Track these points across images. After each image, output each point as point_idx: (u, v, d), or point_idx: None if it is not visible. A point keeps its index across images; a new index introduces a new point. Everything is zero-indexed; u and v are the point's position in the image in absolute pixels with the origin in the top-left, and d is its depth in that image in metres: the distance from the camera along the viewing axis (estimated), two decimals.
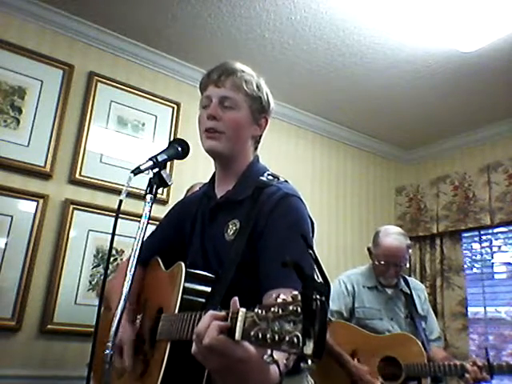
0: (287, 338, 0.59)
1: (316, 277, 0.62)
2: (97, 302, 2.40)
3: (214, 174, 1.35)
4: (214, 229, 1.24)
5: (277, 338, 0.60)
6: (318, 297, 0.58)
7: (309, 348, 0.56)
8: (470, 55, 2.87)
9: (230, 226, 1.19)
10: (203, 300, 1.10)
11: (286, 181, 1.25)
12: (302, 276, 0.60)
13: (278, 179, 1.24)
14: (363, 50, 2.93)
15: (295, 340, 0.58)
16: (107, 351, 1.00)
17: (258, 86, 1.27)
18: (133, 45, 3.02)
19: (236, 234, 1.16)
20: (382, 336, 2.31)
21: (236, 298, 0.76)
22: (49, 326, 2.48)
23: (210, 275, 1.16)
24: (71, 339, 2.52)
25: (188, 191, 2.35)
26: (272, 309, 0.63)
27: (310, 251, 0.68)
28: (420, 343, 2.24)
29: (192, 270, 1.15)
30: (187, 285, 1.11)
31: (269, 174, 1.25)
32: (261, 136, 1.33)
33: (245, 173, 1.26)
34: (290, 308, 0.60)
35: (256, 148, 1.33)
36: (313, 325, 0.57)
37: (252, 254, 1.11)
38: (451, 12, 2.51)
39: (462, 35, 2.68)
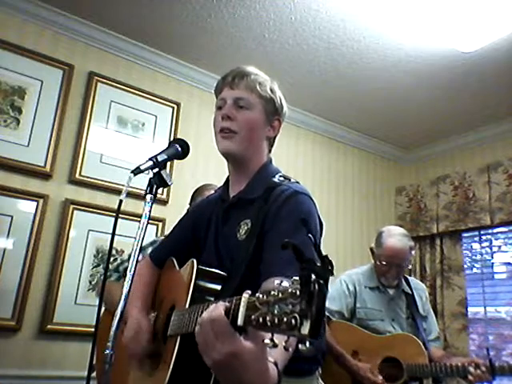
0: (285, 320, 0.60)
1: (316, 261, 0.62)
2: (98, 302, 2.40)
3: (228, 177, 1.36)
4: (227, 229, 1.26)
5: (276, 320, 0.61)
6: (316, 279, 0.59)
7: (305, 328, 0.57)
8: (469, 55, 2.88)
9: (242, 226, 1.20)
10: (213, 298, 1.12)
11: (297, 182, 1.26)
12: (300, 258, 0.61)
13: (290, 180, 1.25)
14: (363, 49, 2.93)
15: (293, 321, 0.59)
16: (107, 351, 1.00)
17: (271, 89, 1.29)
18: (133, 45, 3.02)
19: (247, 234, 1.17)
20: (383, 336, 2.31)
21: (249, 292, 0.76)
22: (49, 326, 2.48)
23: (220, 273, 1.17)
24: (71, 339, 2.52)
25: (196, 191, 2.29)
26: (272, 292, 0.64)
27: (310, 235, 0.69)
28: (421, 343, 2.24)
29: (204, 268, 1.17)
30: (198, 282, 1.13)
31: (281, 176, 1.27)
32: (275, 138, 1.34)
33: (258, 173, 1.27)
34: (290, 291, 0.61)
35: (270, 150, 1.34)
36: (310, 306, 0.58)
37: (261, 253, 1.12)
38: (451, 12, 2.51)
39: (462, 35, 2.68)
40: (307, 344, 0.58)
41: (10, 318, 2.39)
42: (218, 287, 1.14)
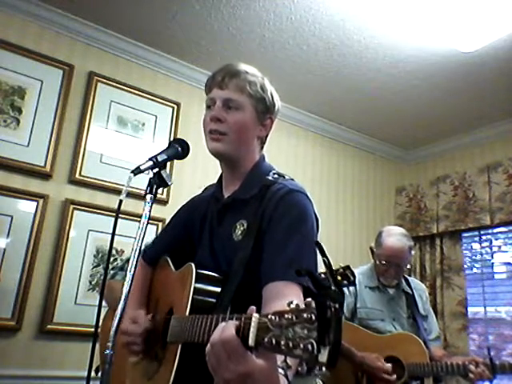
0: (301, 345, 0.59)
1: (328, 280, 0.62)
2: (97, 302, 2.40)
3: (222, 175, 1.35)
4: (222, 230, 1.25)
5: (291, 344, 0.60)
6: (332, 304, 0.59)
7: (324, 356, 0.57)
8: (470, 55, 2.88)
9: (238, 227, 1.19)
10: (213, 300, 1.11)
11: (292, 179, 1.25)
12: (316, 284, 0.61)
13: (284, 177, 1.24)
14: (363, 50, 2.93)
15: (309, 347, 0.58)
16: (107, 351, 1.00)
17: (262, 87, 1.26)
18: (133, 45, 3.02)
19: (244, 234, 1.16)
20: (384, 336, 2.31)
21: (254, 307, 0.76)
22: (49, 326, 2.48)
23: (219, 276, 1.16)
24: (71, 339, 2.52)
25: (206, 190, 2.26)
26: (286, 315, 0.63)
27: (325, 259, 0.68)
28: (422, 343, 2.24)
29: (202, 271, 1.16)
30: (197, 286, 1.12)
31: (274, 173, 1.25)
32: (266, 136, 1.33)
33: (251, 172, 1.26)
34: (305, 315, 0.60)
35: (262, 148, 1.33)
36: (327, 332, 0.58)
37: (259, 253, 1.11)
38: (451, 12, 2.51)
39: (462, 35, 2.68)
40: (323, 369, 0.58)
41: (10, 318, 2.38)
42: (218, 289, 1.13)
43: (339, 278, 0.65)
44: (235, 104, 1.22)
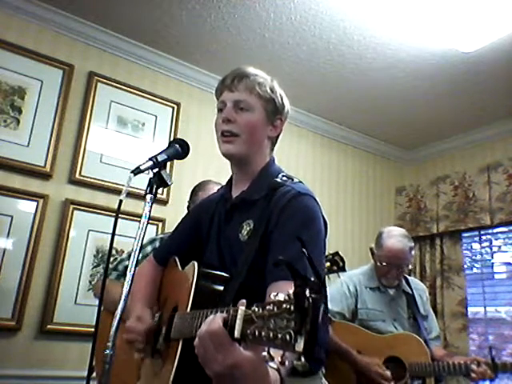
0: (280, 336, 0.60)
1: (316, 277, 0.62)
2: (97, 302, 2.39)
3: (232, 176, 1.36)
4: (229, 229, 1.26)
5: (271, 335, 0.62)
6: (310, 295, 0.59)
7: (300, 345, 0.58)
8: (469, 55, 2.88)
9: (244, 227, 1.20)
10: (215, 299, 1.13)
11: (301, 181, 1.27)
12: (294, 275, 0.62)
13: (293, 180, 1.26)
14: (363, 50, 2.93)
15: (287, 337, 0.59)
16: (107, 351, 1.00)
17: (271, 89, 1.28)
18: (133, 45, 3.02)
19: (250, 235, 1.17)
20: (385, 336, 2.30)
21: (244, 301, 0.77)
22: (49, 326, 2.48)
23: (222, 274, 1.17)
24: (71, 339, 2.52)
25: (198, 187, 2.26)
26: (267, 307, 0.65)
27: (304, 250, 0.69)
28: (423, 342, 2.24)
29: (205, 270, 1.17)
30: (199, 284, 1.13)
31: (283, 176, 1.27)
32: (277, 138, 1.34)
33: (260, 174, 1.27)
34: (284, 306, 0.62)
35: (272, 149, 1.34)
36: (304, 322, 0.58)
37: (264, 254, 1.12)
38: (451, 12, 2.51)
39: (462, 35, 2.68)
40: (302, 359, 0.58)
41: (10, 318, 2.39)
42: (221, 288, 1.14)
43: (329, 264, 0.67)
44: (245, 105, 1.24)
